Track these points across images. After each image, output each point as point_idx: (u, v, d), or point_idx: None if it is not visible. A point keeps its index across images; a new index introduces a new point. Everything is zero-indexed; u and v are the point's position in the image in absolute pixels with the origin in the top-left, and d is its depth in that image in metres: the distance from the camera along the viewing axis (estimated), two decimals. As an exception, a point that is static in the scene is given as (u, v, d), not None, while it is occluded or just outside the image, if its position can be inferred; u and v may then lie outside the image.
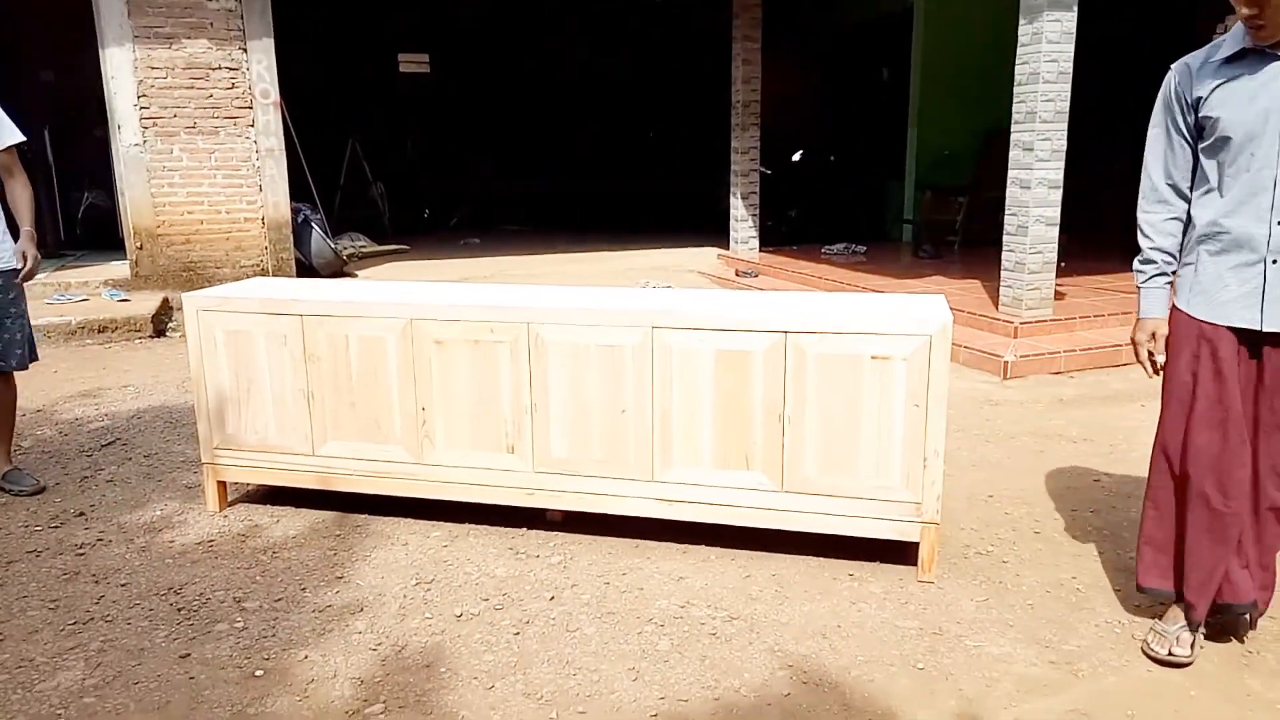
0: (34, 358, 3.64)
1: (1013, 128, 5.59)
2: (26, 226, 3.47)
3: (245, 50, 7.37)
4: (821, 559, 2.98)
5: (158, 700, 2.30)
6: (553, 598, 2.78)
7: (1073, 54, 5.37)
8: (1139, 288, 2.50)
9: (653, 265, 9.27)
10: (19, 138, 3.45)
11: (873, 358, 2.75)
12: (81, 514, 3.44)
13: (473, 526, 3.25)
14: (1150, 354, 2.48)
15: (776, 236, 10.03)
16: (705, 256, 9.71)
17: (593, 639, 2.55)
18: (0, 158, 3.45)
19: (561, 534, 3.19)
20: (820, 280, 7.86)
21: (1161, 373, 2.48)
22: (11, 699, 2.31)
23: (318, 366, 3.19)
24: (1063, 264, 6.14)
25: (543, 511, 3.21)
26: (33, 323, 3.72)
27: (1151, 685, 2.32)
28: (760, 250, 9.53)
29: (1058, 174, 5.52)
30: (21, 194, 3.51)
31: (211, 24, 7.22)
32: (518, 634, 2.58)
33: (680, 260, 9.56)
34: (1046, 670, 2.39)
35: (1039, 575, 2.90)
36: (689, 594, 2.80)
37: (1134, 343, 2.50)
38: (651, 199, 13.45)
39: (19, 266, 3.44)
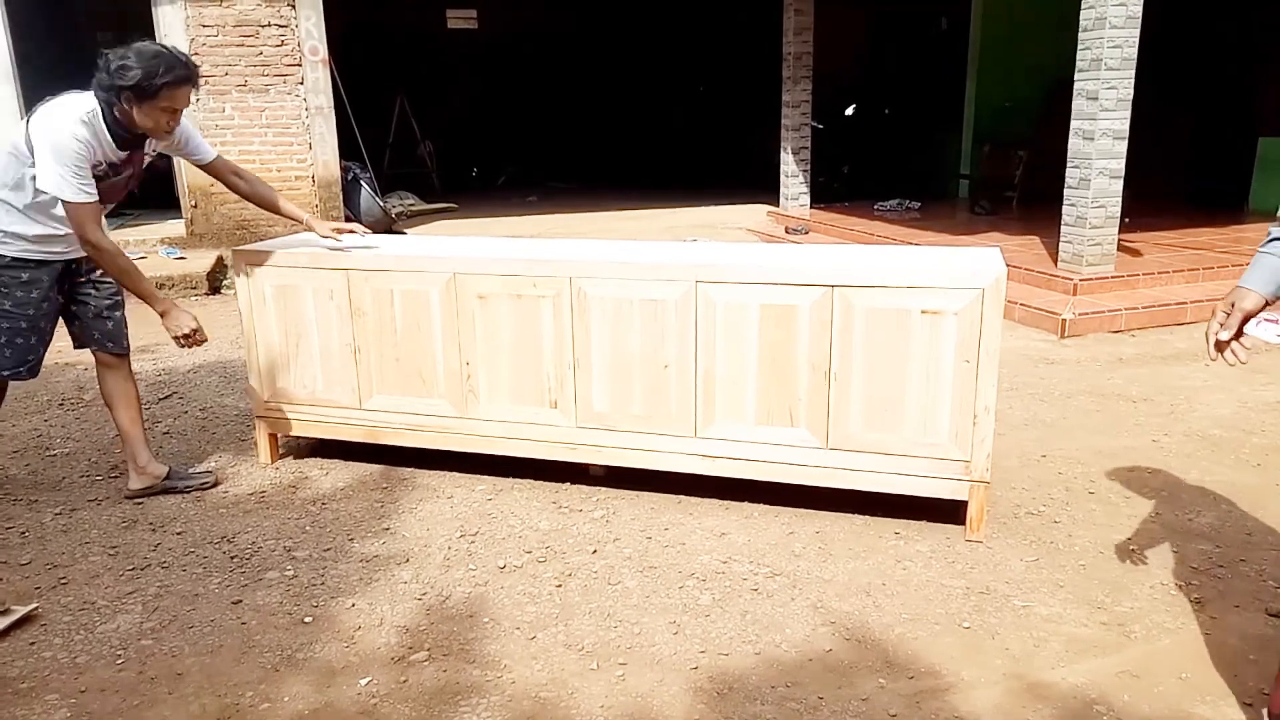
0: None
1: (1077, 75, 5.37)
2: (305, 217, 3.33)
3: (294, 7, 7.39)
4: (867, 517, 2.94)
5: (211, 644, 2.36)
6: (595, 551, 2.79)
7: (1142, -3, 5.13)
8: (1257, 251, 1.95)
9: (701, 222, 9.16)
10: (213, 153, 3.21)
11: (922, 312, 2.67)
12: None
13: (516, 480, 3.27)
14: (1219, 329, 1.91)
15: (828, 193, 9.83)
16: (755, 214, 9.58)
17: (634, 592, 2.56)
18: (215, 166, 3.20)
19: (604, 489, 3.19)
20: (872, 237, 7.71)
21: (1220, 355, 1.94)
22: (75, 639, 2.39)
23: (364, 321, 3.21)
24: (1126, 219, 5.93)
25: (585, 466, 3.22)
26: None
27: (1208, 648, 2.26)
28: (811, 207, 9.36)
29: (1123, 124, 5.30)
30: (262, 187, 3.34)
31: (261, -19, 7.24)
32: (560, 586, 2.60)
33: (729, 217, 9.44)
34: (1097, 631, 2.34)
35: (1092, 536, 2.83)
36: (731, 550, 2.78)
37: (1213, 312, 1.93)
38: (701, 155, 13.26)
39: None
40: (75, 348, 3.20)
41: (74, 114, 2.71)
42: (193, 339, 2.98)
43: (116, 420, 3.20)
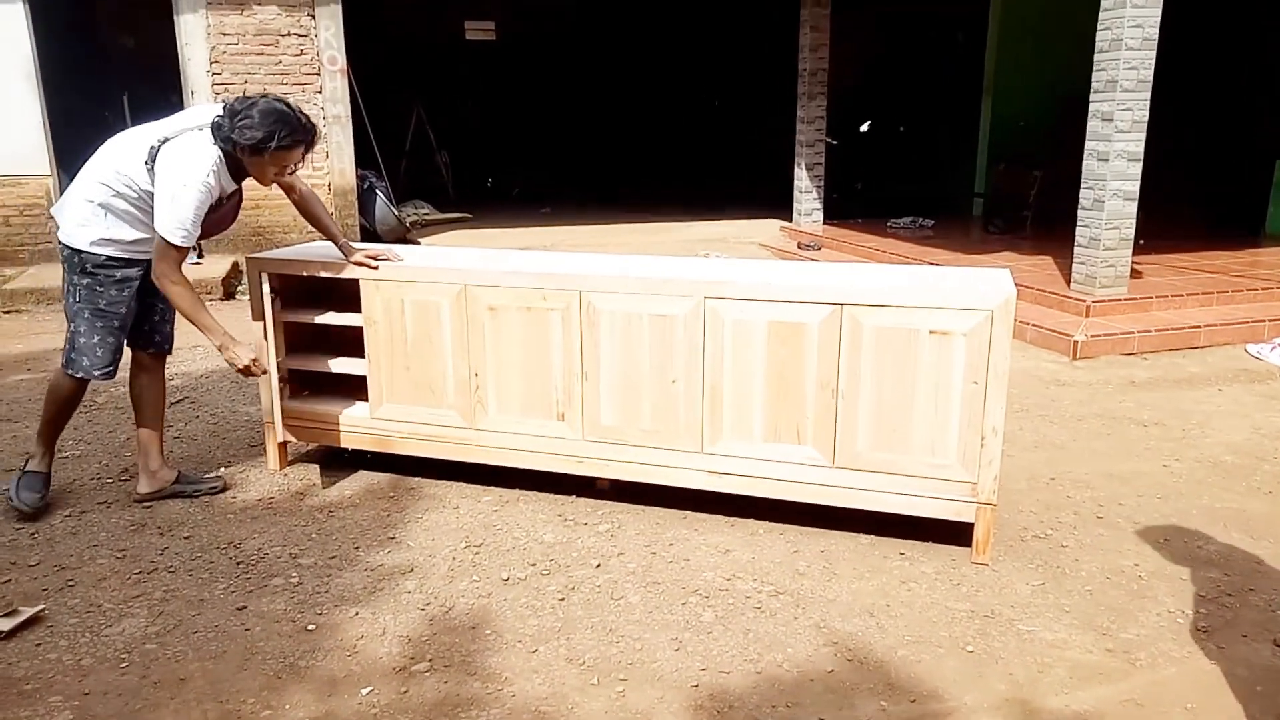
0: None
1: (1092, 96, 5.36)
2: (341, 240, 3.27)
3: (314, 17, 7.46)
4: (872, 537, 2.93)
5: (215, 650, 2.37)
6: (599, 565, 2.79)
7: (1159, 20, 5.12)
8: None
9: (714, 236, 9.17)
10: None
11: (931, 332, 2.67)
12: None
13: (522, 492, 3.28)
14: None
15: (842, 209, 9.83)
16: (768, 228, 9.58)
17: (637, 608, 2.56)
18: (293, 183, 3.17)
19: (610, 503, 3.19)
20: (884, 254, 7.70)
21: None
22: (80, 642, 2.41)
23: (374, 330, 3.23)
24: (1141, 241, 5.91)
25: (592, 480, 3.22)
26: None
27: (1214, 678, 2.24)
28: (824, 223, 9.36)
29: (1138, 146, 5.29)
30: (315, 203, 3.29)
31: (282, -9, 7.32)
32: (563, 600, 2.60)
33: (743, 232, 9.45)
34: (1102, 658, 2.32)
35: (1099, 561, 2.81)
36: (735, 567, 2.78)
37: None
38: (715, 168, 13.29)
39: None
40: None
41: (206, 164, 2.81)
42: (251, 371, 3.01)
43: (141, 420, 3.24)
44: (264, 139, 2.80)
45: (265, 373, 3.11)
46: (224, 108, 2.86)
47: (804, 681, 2.23)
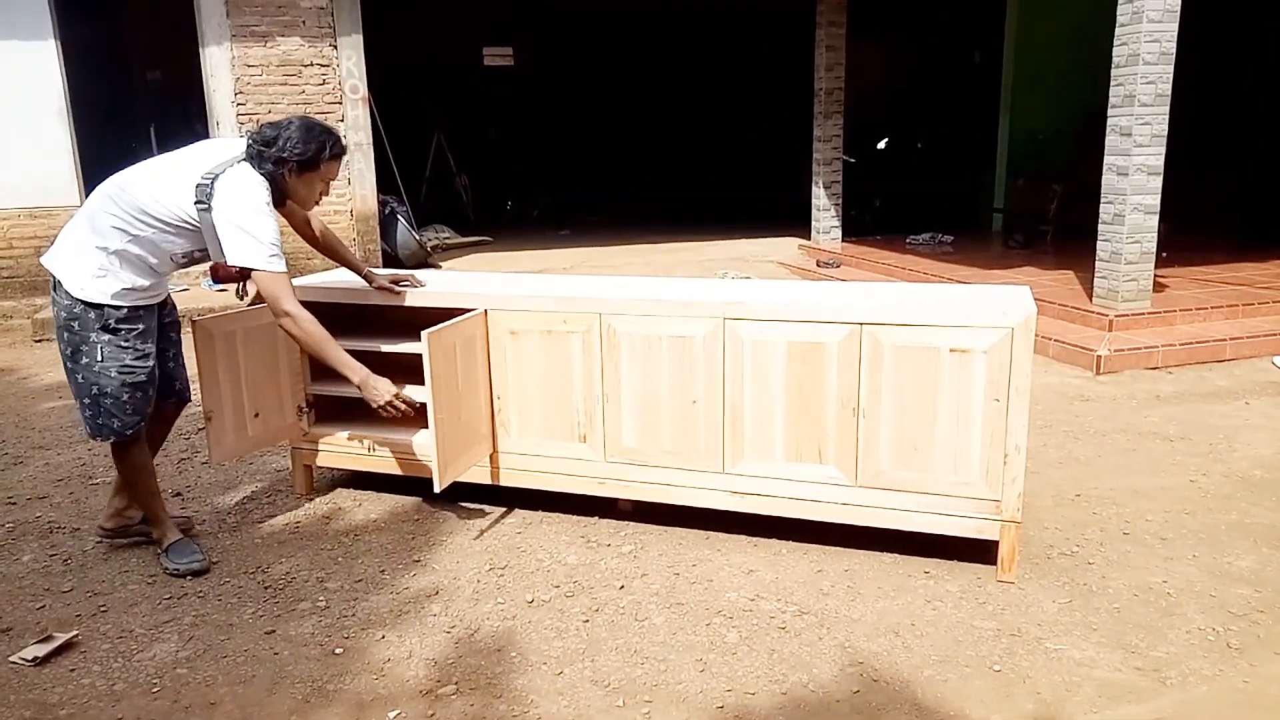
0: None
1: (1110, 111, 5.35)
2: (364, 268, 3.31)
3: (335, 47, 7.60)
4: (896, 556, 2.92)
5: (244, 674, 2.40)
6: (622, 587, 2.80)
7: (1176, 34, 5.11)
8: None
9: (734, 255, 9.20)
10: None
11: (951, 350, 2.67)
12: (178, 494, 3.61)
13: (545, 514, 3.29)
14: None
15: (860, 226, 9.84)
16: (787, 247, 9.60)
17: (661, 629, 2.56)
18: (306, 218, 3.20)
19: (632, 524, 3.20)
20: (904, 271, 7.69)
21: None
22: (113, 666, 2.44)
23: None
24: (1164, 254, 5.87)
25: (614, 501, 3.23)
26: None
27: (1246, 697, 2.21)
28: (843, 240, 9.37)
29: (1158, 160, 5.27)
30: (331, 237, 3.31)
31: (304, 22, 7.47)
32: (587, 621, 2.61)
33: (761, 250, 9.47)
34: (1131, 676, 2.30)
35: (1127, 578, 2.79)
36: (759, 587, 2.78)
37: None
38: (733, 189, 13.34)
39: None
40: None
41: (264, 190, 2.74)
42: (392, 408, 2.88)
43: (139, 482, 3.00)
44: (318, 150, 2.77)
45: (407, 410, 2.92)
46: (251, 137, 2.80)
47: (829, 702, 2.23)
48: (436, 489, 2.95)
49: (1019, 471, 2.68)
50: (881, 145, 11.18)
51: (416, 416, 3.05)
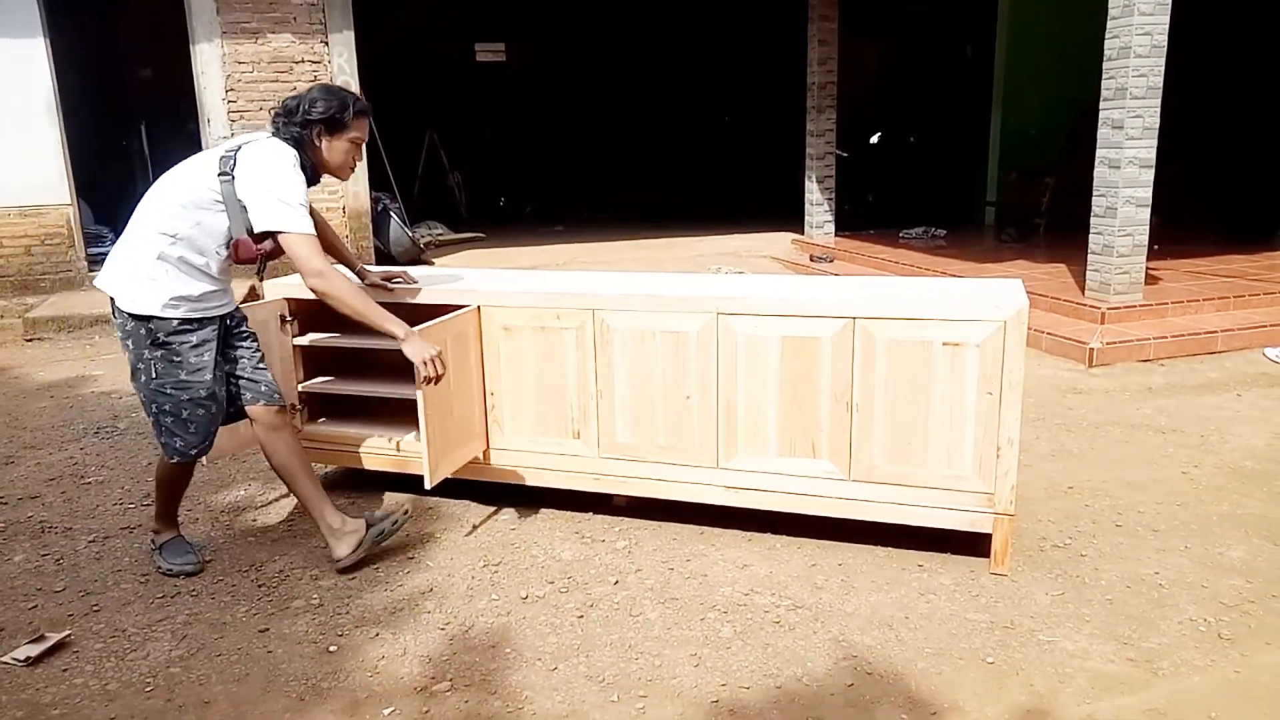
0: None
1: (1101, 105, 5.36)
2: (357, 264, 3.24)
3: (327, 43, 7.57)
4: (890, 549, 2.93)
5: (238, 673, 2.39)
6: (617, 582, 2.80)
7: (1167, 27, 5.12)
8: None
9: (727, 250, 9.20)
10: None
11: (944, 344, 2.68)
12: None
13: (539, 510, 3.29)
14: None
15: (854, 221, 9.84)
16: (780, 242, 9.60)
17: (655, 624, 2.56)
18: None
19: (627, 519, 3.20)
20: (897, 265, 7.70)
21: None
22: (106, 666, 2.43)
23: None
24: (1155, 246, 5.89)
25: (608, 497, 3.23)
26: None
27: (1238, 687, 2.22)
28: (836, 235, 9.37)
29: (1149, 153, 5.28)
30: (329, 233, 3.11)
31: (295, 18, 7.43)
32: (582, 617, 2.61)
33: (755, 245, 9.47)
34: (1124, 667, 2.31)
35: (1119, 570, 2.80)
36: (753, 582, 2.78)
37: None
38: (725, 184, 13.33)
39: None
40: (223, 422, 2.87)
41: (291, 153, 2.67)
42: (434, 370, 2.72)
43: (296, 489, 2.90)
44: (340, 107, 2.69)
45: (445, 371, 2.77)
46: (275, 112, 2.73)
47: (824, 696, 2.23)
48: (427, 486, 2.94)
49: (1012, 464, 2.69)
50: (874, 140, 11.18)
51: (408, 414, 3.04)
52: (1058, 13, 9.17)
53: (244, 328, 2.91)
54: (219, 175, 2.65)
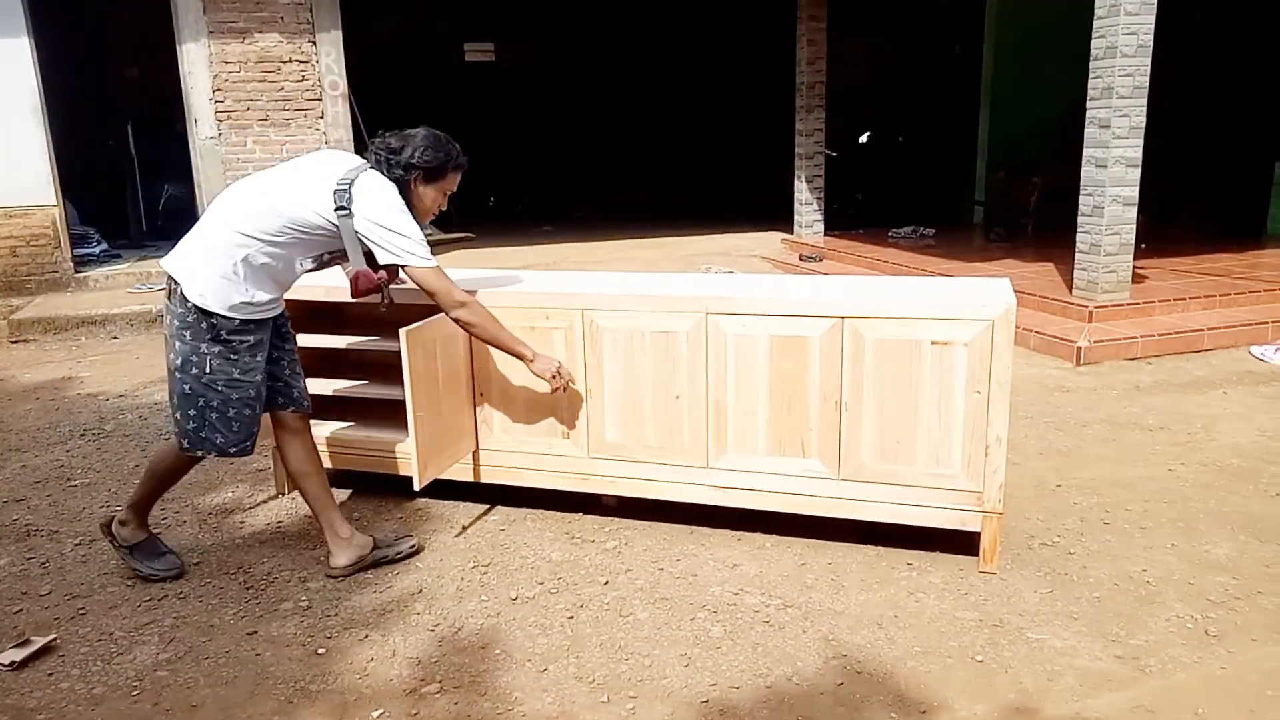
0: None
1: (1089, 104, 5.39)
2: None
3: (314, 43, 7.54)
4: (879, 548, 2.93)
5: (226, 676, 2.38)
6: (607, 582, 2.80)
7: (1153, 26, 5.15)
8: None
9: (717, 250, 9.21)
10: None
11: (933, 343, 2.68)
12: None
13: (529, 510, 3.29)
14: None
15: (843, 220, 9.87)
16: (769, 241, 9.62)
17: (645, 624, 2.56)
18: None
19: (616, 519, 3.20)
20: (886, 264, 7.72)
21: None
22: (92, 670, 2.42)
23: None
24: (1142, 245, 5.92)
25: (598, 497, 3.23)
26: (117, 311, 3.77)
27: (1225, 683, 2.23)
28: (825, 234, 9.40)
29: (1136, 152, 5.31)
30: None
31: (282, 18, 7.40)
32: (571, 618, 2.60)
33: (744, 245, 9.48)
34: (1112, 665, 2.32)
35: (1107, 567, 2.81)
36: (743, 581, 2.78)
37: None
38: (715, 182, 13.34)
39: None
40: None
41: (398, 194, 2.70)
42: (559, 381, 2.89)
43: (307, 491, 2.92)
44: (444, 160, 2.77)
45: (572, 381, 2.96)
46: (376, 145, 2.75)
47: (813, 695, 2.23)
48: (416, 487, 2.94)
49: (1000, 463, 2.70)
50: (863, 139, 11.20)
51: (397, 415, 3.03)
52: (1045, 12, 9.22)
53: (288, 329, 2.93)
54: (337, 210, 2.63)
